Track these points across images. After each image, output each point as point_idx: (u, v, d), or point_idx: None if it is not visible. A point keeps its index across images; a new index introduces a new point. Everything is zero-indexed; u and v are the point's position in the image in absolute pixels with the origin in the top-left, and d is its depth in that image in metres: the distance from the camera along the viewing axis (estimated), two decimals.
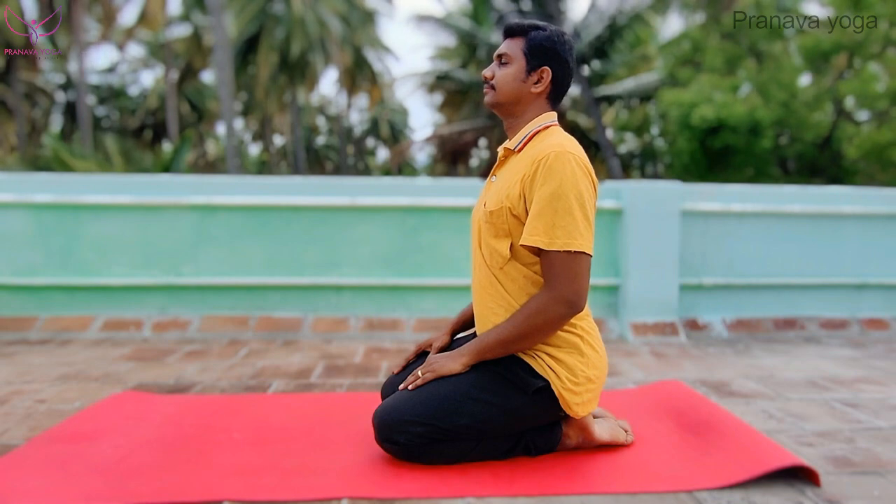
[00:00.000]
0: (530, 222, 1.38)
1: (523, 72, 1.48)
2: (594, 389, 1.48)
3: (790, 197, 3.55)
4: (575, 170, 1.37)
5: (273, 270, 3.34)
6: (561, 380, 1.42)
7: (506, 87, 1.49)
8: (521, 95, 1.49)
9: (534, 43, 1.47)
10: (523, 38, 1.49)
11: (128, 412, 1.85)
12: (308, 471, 1.44)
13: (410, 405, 1.43)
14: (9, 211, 3.24)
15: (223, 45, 14.05)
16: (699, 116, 10.98)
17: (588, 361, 1.45)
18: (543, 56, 1.47)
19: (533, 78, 1.48)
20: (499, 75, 1.50)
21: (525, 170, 1.41)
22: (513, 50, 1.49)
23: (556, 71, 1.48)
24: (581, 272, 1.37)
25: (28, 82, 22.88)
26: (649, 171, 19.60)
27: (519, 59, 1.48)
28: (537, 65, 1.47)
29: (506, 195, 1.43)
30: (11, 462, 1.48)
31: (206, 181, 3.41)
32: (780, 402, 2.06)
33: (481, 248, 1.52)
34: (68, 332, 3.13)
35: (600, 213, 3.40)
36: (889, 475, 1.45)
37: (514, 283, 1.46)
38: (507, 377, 1.44)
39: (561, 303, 1.37)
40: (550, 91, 1.51)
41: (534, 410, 1.46)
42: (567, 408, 1.44)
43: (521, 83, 1.48)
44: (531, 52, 1.47)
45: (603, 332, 3.29)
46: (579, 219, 1.36)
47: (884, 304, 3.61)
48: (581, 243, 1.36)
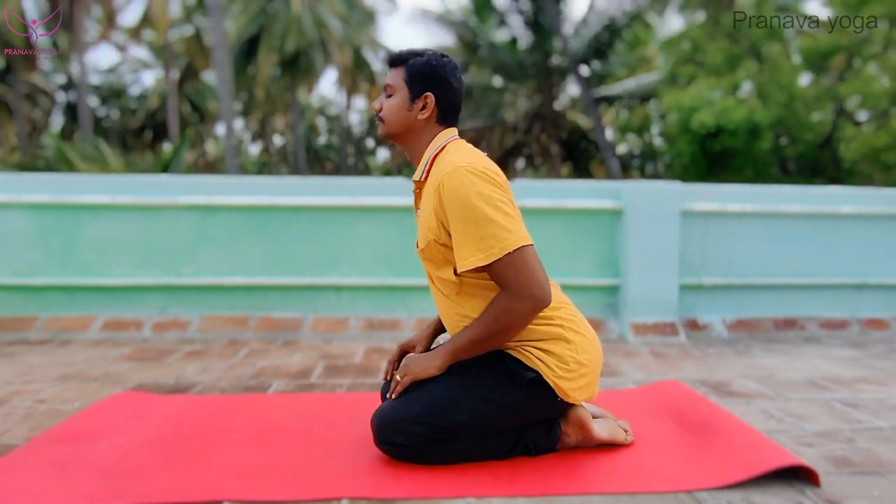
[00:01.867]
0: (458, 250, 1.39)
1: (407, 101, 1.49)
2: (588, 373, 1.48)
3: (790, 197, 3.55)
4: (472, 179, 1.36)
5: (273, 270, 3.34)
6: (552, 369, 1.43)
7: (393, 117, 1.51)
8: (409, 124, 1.50)
9: (413, 70, 1.48)
10: (403, 66, 1.50)
11: (128, 412, 1.85)
12: (308, 471, 1.44)
13: (408, 406, 1.43)
14: (9, 211, 3.24)
15: (222, 45, 14.05)
16: (699, 121, 10.99)
17: (576, 347, 1.46)
18: (424, 82, 1.48)
19: (418, 105, 1.49)
20: (385, 107, 1.52)
21: (433, 200, 1.42)
22: (395, 80, 1.51)
23: (440, 94, 1.49)
24: (531, 265, 1.37)
25: (29, 83, 22.89)
26: (649, 171, 19.62)
27: (402, 88, 1.49)
28: (420, 92, 1.48)
29: (428, 228, 1.45)
30: (11, 462, 1.48)
31: (206, 181, 3.41)
32: (780, 403, 2.06)
33: (434, 282, 1.54)
34: (68, 333, 3.13)
35: (600, 214, 3.40)
36: (889, 475, 1.45)
37: (475, 299, 1.46)
38: (502, 372, 1.45)
39: (524, 300, 1.37)
40: (438, 114, 1.51)
41: (531, 403, 1.46)
42: (564, 395, 1.45)
43: (406, 112, 1.50)
44: (412, 80, 1.48)
45: (603, 332, 3.29)
46: (499, 219, 1.35)
47: (884, 304, 3.61)
48: (514, 239, 1.36)
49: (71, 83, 25.26)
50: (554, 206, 3.36)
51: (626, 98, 16.57)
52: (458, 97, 1.53)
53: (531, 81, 16.77)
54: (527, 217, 3.75)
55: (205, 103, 26.14)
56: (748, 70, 11.87)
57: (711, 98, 11.28)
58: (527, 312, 1.38)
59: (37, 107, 24.97)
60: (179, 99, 24.75)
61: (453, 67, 1.52)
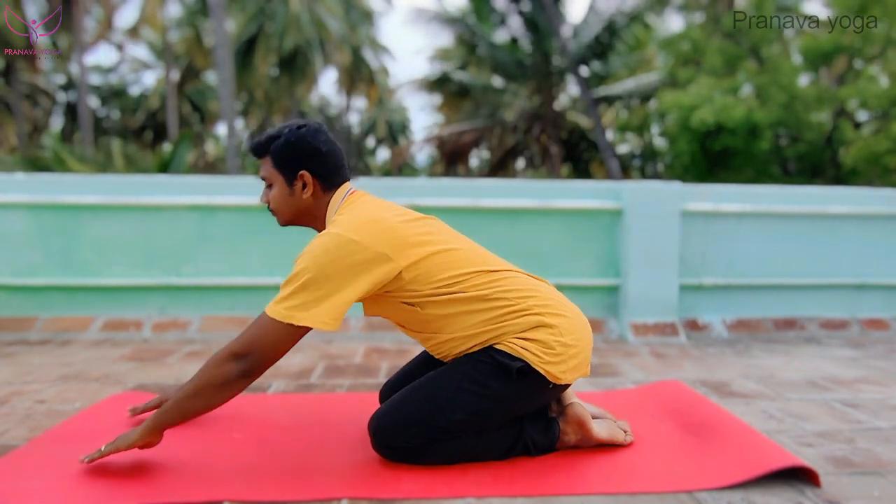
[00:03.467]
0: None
1: (286, 186, 1.47)
2: (577, 353, 1.47)
3: (790, 197, 3.55)
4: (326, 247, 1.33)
5: (273, 270, 3.34)
6: (538, 356, 1.42)
7: (282, 207, 1.50)
8: (299, 207, 1.49)
9: (277, 156, 1.46)
10: (269, 157, 1.48)
11: (128, 412, 1.85)
12: (308, 471, 1.44)
13: (402, 410, 1.44)
14: (9, 211, 3.24)
15: (224, 44, 14.05)
16: (699, 119, 10.99)
17: (559, 330, 1.45)
18: (293, 162, 1.46)
19: (297, 186, 1.47)
20: (271, 199, 1.51)
21: None
22: (267, 171, 1.49)
23: (313, 167, 1.46)
24: (270, 338, 1.31)
25: (29, 83, 22.89)
26: (649, 171, 19.61)
27: (276, 176, 1.48)
28: (293, 173, 1.46)
29: None
30: (11, 462, 1.48)
31: (206, 181, 3.41)
32: (780, 403, 2.06)
33: (406, 328, 1.54)
34: (68, 333, 3.13)
35: (600, 214, 3.40)
36: (889, 475, 1.45)
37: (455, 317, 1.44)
38: (491, 365, 1.43)
39: (231, 358, 1.32)
40: (321, 184, 1.49)
41: (525, 392, 1.46)
42: (556, 379, 1.44)
43: (290, 197, 1.48)
44: (281, 165, 1.46)
45: (603, 332, 3.29)
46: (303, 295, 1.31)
47: (884, 304, 3.61)
48: (288, 315, 1.31)
49: (71, 83, 25.25)
50: (554, 206, 3.36)
51: (626, 98, 16.57)
52: (333, 158, 1.50)
53: (531, 81, 16.76)
54: (527, 217, 3.74)
55: (205, 104, 26.14)
56: (748, 72, 11.87)
57: (712, 97, 11.28)
58: (229, 373, 1.32)
59: (37, 107, 24.97)
60: (180, 99, 24.76)
61: (314, 132, 1.48)
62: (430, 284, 1.41)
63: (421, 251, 1.40)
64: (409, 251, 1.39)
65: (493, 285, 1.45)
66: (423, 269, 1.40)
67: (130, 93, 28.04)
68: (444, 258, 1.43)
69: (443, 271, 1.42)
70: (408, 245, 1.39)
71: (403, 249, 1.39)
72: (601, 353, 2.88)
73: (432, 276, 1.41)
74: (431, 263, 1.41)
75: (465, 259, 1.46)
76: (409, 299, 1.43)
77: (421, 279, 1.41)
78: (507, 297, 1.44)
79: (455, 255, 1.45)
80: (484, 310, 1.43)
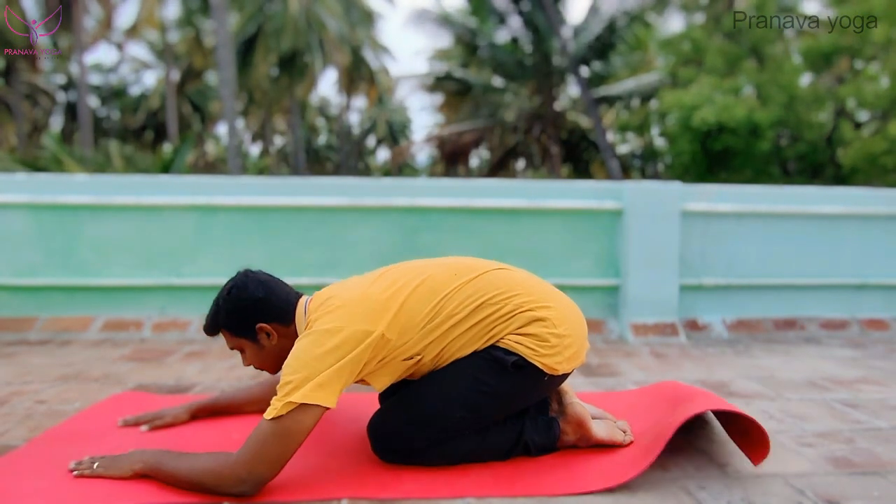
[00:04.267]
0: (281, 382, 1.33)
1: (254, 345, 1.51)
2: (572, 343, 1.48)
3: (790, 197, 3.55)
4: (305, 348, 1.34)
5: (273, 270, 3.29)
6: (533, 349, 1.42)
7: (265, 362, 1.53)
8: (276, 352, 1.50)
9: (230, 328, 1.51)
10: (223, 330, 1.52)
11: (128, 412, 1.85)
12: (308, 471, 1.44)
13: (401, 412, 1.45)
14: (9, 211, 3.24)
15: (225, 44, 14.05)
16: (700, 118, 10.99)
17: (551, 322, 1.45)
18: (245, 323, 1.49)
19: (262, 339, 1.50)
20: (252, 361, 1.54)
21: None
22: (231, 342, 1.54)
23: (262, 316, 1.49)
24: (276, 441, 1.27)
25: (29, 83, 22.89)
26: (649, 171, 19.61)
27: (241, 341, 1.52)
28: (251, 330, 1.49)
29: (350, 377, 1.40)
30: (11, 462, 1.48)
31: (206, 181, 3.41)
32: (780, 403, 2.06)
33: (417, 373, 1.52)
34: (68, 333, 3.13)
35: (600, 214, 3.40)
36: (889, 475, 1.45)
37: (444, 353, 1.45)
38: (487, 360, 1.44)
39: (233, 479, 1.27)
40: (280, 323, 1.50)
41: (523, 386, 1.46)
42: (552, 371, 1.44)
43: (264, 350, 1.51)
44: (238, 332, 1.50)
45: (603, 332, 3.29)
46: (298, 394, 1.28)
47: (884, 304, 3.61)
48: (285, 406, 1.27)
49: (71, 83, 25.27)
50: (554, 206, 3.36)
51: (627, 98, 16.57)
52: (274, 296, 1.53)
53: (531, 82, 16.77)
54: (527, 217, 3.74)
55: (206, 104, 26.15)
56: (749, 72, 11.87)
57: (713, 97, 11.28)
58: (228, 491, 1.28)
59: (37, 107, 24.99)
60: (180, 99, 24.77)
61: (243, 287, 1.53)
62: (417, 327, 1.42)
63: (394, 305, 1.40)
64: (385, 314, 1.39)
65: (475, 297, 1.45)
66: (403, 319, 1.40)
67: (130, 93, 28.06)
68: (416, 296, 1.43)
69: (422, 307, 1.42)
70: (382, 308, 1.39)
71: (379, 314, 1.38)
72: (601, 354, 2.88)
73: (414, 318, 1.41)
74: (407, 308, 1.41)
75: (436, 285, 1.46)
76: (407, 354, 1.43)
77: (406, 328, 1.41)
78: (493, 303, 1.45)
79: (424, 287, 1.45)
80: (475, 324, 1.44)
